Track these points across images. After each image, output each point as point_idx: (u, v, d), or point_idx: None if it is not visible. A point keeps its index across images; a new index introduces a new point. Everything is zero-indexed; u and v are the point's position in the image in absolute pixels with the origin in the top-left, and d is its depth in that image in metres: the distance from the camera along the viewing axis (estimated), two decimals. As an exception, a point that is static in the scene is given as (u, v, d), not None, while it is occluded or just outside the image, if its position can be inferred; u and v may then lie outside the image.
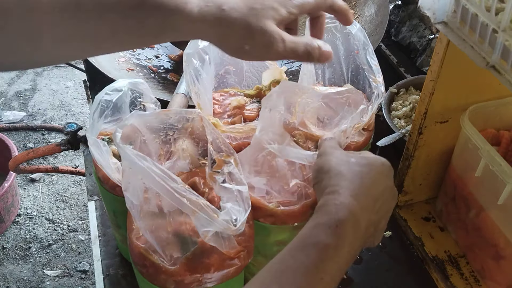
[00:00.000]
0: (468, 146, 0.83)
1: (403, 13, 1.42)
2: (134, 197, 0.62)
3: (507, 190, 0.74)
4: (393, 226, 1.00)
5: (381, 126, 1.10)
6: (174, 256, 0.62)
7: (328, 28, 0.85)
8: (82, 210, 2.20)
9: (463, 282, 0.89)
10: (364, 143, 0.87)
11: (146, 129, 0.67)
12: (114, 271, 0.89)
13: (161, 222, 0.63)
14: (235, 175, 0.64)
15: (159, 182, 0.55)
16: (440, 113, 0.87)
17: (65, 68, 2.95)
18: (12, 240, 2.06)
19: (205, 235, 0.59)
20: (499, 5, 0.60)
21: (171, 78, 1.25)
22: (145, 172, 0.55)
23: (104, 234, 0.95)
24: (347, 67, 0.88)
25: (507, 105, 0.87)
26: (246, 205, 0.60)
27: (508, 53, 0.60)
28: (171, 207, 0.61)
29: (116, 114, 0.77)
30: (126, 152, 0.56)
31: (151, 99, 0.79)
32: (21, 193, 2.24)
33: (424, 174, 0.97)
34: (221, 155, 0.65)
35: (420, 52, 1.34)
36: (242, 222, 0.58)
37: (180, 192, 0.55)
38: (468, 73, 0.80)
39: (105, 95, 0.74)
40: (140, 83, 0.77)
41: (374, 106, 0.80)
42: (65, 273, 1.97)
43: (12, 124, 2.53)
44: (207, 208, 0.56)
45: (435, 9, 0.72)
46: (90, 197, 1.02)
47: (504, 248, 0.80)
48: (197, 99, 0.77)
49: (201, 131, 0.68)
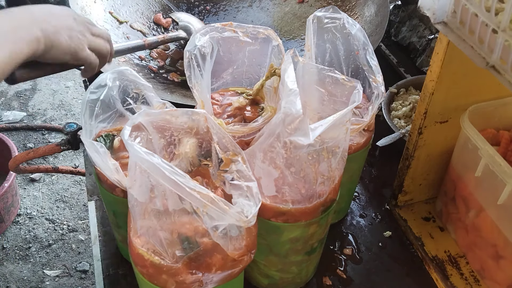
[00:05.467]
0: (468, 146, 0.83)
1: (403, 13, 1.43)
2: (140, 195, 0.62)
3: (507, 190, 0.74)
4: (393, 226, 1.00)
5: (381, 126, 1.10)
6: (176, 255, 0.63)
7: (328, 28, 0.85)
8: (82, 210, 2.20)
9: (463, 282, 0.89)
10: (365, 143, 0.88)
11: (153, 128, 0.67)
12: (114, 271, 0.89)
13: (165, 221, 0.63)
14: (243, 172, 0.64)
15: (169, 177, 0.55)
16: (440, 113, 0.87)
17: (65, 68, 2.95)
18: (12, 240, 2.06)
19: (214, 231, 0.59)
20: (499, 5, 0.60)
21: (171, 78, 1.25)
22: (154, 168, 0.55)
23: (104, 234, 0.95)
24: (347, 67, 0.89)
25: (507, 105, 0.87)
26: (257, 199, 0.60)
27: (508, 53, 0.60)
28: (177, 206, 0.61)
29: (107, 111, 0.76)
30: (134, 149, 0.56)
31: (143, 85, 0.77)
32: (21, 193, 2.24)
33: (424, 174, 0.97)
34: (228, 154, 0.65)
35: (420, 52, 1.35)
36: (253, 214, 0.59)
37: (190, 187, 0.55)
38: (468, 73, 0.81)
39: (90, 94, 0.73)
40: (125, 71, 0.76)
41: (374, 106, 0.80)
42: (65, 273, 1.97)
43: (12, 124, 2.53)
44: (219, 201, 0.56)
45: (435, 9, 0.72)
46: (90, 197, 1.02)
47: (503, 248, 0.80)
48: (199, 97, 0.77)
49: (205, 132, 0.68)
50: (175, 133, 0.69)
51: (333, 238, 0.98)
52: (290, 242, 0.77)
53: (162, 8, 1.45)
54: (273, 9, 1.49)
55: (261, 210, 0.63)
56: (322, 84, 0.80)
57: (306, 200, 0.72)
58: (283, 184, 0.72)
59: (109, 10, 1.32)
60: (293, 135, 0.65)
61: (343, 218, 1.02)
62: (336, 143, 0.69)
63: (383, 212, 1.03)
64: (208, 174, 0.69)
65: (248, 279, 0.88)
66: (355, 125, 0.79)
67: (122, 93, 0.77)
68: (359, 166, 0.94)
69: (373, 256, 0.95)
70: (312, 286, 0.90)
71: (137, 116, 0.63)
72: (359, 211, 1.04)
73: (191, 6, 1.50)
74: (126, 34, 1.31)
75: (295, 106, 0.64)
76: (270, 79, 0.82)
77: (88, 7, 1.27)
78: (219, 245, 0.62)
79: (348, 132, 0.70)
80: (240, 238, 0.64)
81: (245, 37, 0.84)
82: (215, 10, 1.50)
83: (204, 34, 0.79)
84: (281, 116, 0.66)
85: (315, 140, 0.65)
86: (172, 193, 0.59)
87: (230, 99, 0.86)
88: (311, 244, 0.80)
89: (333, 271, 0.92)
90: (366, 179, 1.11)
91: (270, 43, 0.83)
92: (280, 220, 0.73)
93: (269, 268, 0.83)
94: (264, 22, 1.47)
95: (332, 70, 0.78)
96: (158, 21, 1.40)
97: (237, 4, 1.51)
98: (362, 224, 1.01)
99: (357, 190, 1.08)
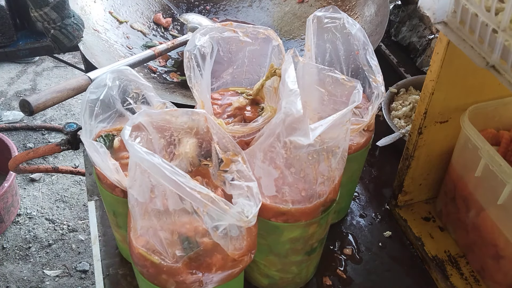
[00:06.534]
0: (468, 146, 0.83)
1: (403, 13, 1.43)
2: (140, 195, 0.62)
3: (507, 190, 0.74)
4: (393, 226, 1.00)
5: (381, 126, 1.10)
6: (176, 255, 0.63)
7: (328, 28, 0.85)
8: (82, 210, 2.20)
9: (463, 282, 0.89)
10: (365, 143, 0.88)
11: (153, 128, 0.67)
12: (114, 271, 0.89)
13: (165, 221, 0.63)
14: (243, 172, 0.64)
15: (170, 177, 0.55)
16: (440, 113, 0.87)
17: (65, 68, 2.95)
18: (12, 240, 2.06)
19: (214, 231, 0.59)
20: (499, 5, 0.60)
21: (171, 78, 1.25)
22: (154, 168, 0.55)
23: (104, 234, 0.95)
24: (347, 67, 0.88)
25: (507, 105, 0.87)
26: (257, 199, 0.60)
27: (508, 53, 0.60)
28: (177, 206, 0.61)
29: (107, 111, 0.75)
30: (135, 149, 0.56)
31: (143, 85, 0.77)
32: (21, 193, 2.24)
33: (424, 174, 0.97)
34: (228, 154, 0.65)
35: (420, 52, 1.35)
36: (254, 214, 0.59)
37: (191, 186, 0.55)
38: (468, 73, 0.81)
39: (90, 94, 0.73)
40: (125, 70, 0.75)
41: (374, 106, 0.80)
42: (65, 273, 1.97)
43: (12, 124, 2.53)
44: (219, 201, 0.56)
45: (435, 9, 0.72)
46: (90, 197, 1.02)
47: (504, 248, 0.80)
48: (199, 97, 0.77)
49: (205, 132, 0.68)
50: (175, 133, 0.68)
51: (333, 238, 0.98)
52: (290, 242, 0.77)
53: (162, 8, 1.45)
54: (273, 9, 1.49)
55: (261, 210, 0.63)
56: (322, 84, 0.80)
57: (306, 200, 0.72)
58: (283, 184, 0.72)
59: (109, 10, 1.32)
60: (293, 135, 0.65)
61: (343, 218, 1.02)
62: (336, 143, 0.69)
63: (383, 212, 1.03)
64: (208, 174, 0.69)
65: (248, 279, 0.88)
66: (355, 125, 0.79)
67: (122, 93, 0.77)
68: (359, 166, 0.94)
69: (373, 256, 0.95)
70: (312, 286, 0.90)
71: (137, 116, 0.63)
72: (359, 211, 1.04)
73: (191, 6, 1.50)
74: (126, 34, 1.31)
75: (296, 106, 0.64)
76: (270, 79, 0.82)
77: (88, 7, 1.27)
78: (219, 245, 0.62)
79: (348, 132, 0.70)
80: (240, 238, 0.64)
81: (245, 37, 0.84)
82: (215, 10, 1.50)
83: (204, 34, 0.79)
84: (282, 116, 0.65)
85: (315, 140, 0.65)
86: (172, 193, 0.59)
87: (230, 99, 0.86)
88: (311, 244, 0.80)
89: (333, 271, 0.92)
90: (366, 179, 1.11)
91: (270, 43, 0.83)
92: (280, 220, 0.73)
93: (269, 268, 0.83)
94: (264, 22, 1.47)
95: (332, 70, 0.78)
96: (158, 21, 1.40)
97: (237, 4, 1.51)
98: (362, 224, 1.01)
99: (357, 190, 1.08)
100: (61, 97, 0.91)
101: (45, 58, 2.99)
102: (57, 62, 2.92)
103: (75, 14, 1.16)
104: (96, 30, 1.23)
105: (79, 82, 0.92)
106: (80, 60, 2.78)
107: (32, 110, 0.86)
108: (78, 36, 1.16)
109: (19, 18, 1.66)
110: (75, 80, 0.92)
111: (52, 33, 1.15)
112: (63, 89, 0.91)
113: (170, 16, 1.45)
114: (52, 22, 1.13)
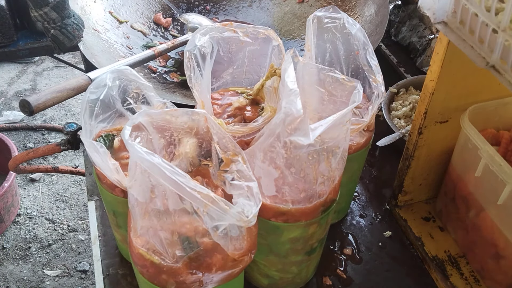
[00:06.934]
0: (468, 146, 0.83)
1: (403, 13, 1.43)
2: (140, 195, 0.62)
3: (507, 190, 0.74)
4: (393, 226, 1.00)
5: (381, 126, 1.10)
6: (176, 255, 0.63)
7: (328, 28, 0.85)
8: (82, 210, 2.20)
9: (463, 282, 0.89)
10: (365, 143, 0.88)
11: (153, 128, 0.67)
12: (114, 271, 0.89)
13: (165, 221, 0.63)
14: (243, 172, 0.64)
15: (170, 177, 0.55)
16: (440, 113, 0.87)
17: (65, 68, 2.95)
18: (12, 240, 2.06)
19: (214, 231, 0.59)
20: (499, 5, 0.60)
21: (171, 78, 1.25)
22: (155, 168, 0.55)
23: (104, 234, 0.95)
24: (347, 67, 0.88)
25: (507, 105, 0.87)
26: (257, 199, 0.60)
27: (508, 53, 0.60)
28: (177, 206, 0.61)
29: (107, 111, 0.75)
30: (135, 149, 0.56)
31: (143, 85, 0.77)
32: (21, 193, 2.24)
33: (424, 174, 0.97)
34: (228, 154, 0.65)
35: (420, 52, 1.35)
36: (254, 214, 0.59)
37: (191, 186, 0.56)
38: (468, 73, 0.81)
39: (90, 94, 0.73)
40: (125, 70, 0.75)
41: (374, 106, 0.80)
42: (65, 273, 1.97)
43: (12, 124, 2.53)
44: (219, 201, 0.56)
45: (435, 9, 0.72)
46: (90, 197, 1.02)
47: (504, 248, 0.80)
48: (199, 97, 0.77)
49: (205, 132, 0.68)
50: (175, 133, 0.68)
51: (333, 238, 0.98)
52: (290, 242, 0.77)
53: (162, 8, 1.45)
54: (273, 9, 1.49)
55: (261, 210, 0.63)
56: (322, 84, 0.80)
57: (306, 200, 0.72)
58: (283, 184, 0.72)
59: (109, 10, 1.32)
60: (293, 135, 0.65)
61: (343, 218, 1.02)
62: (336, 143, 0.69)
63: (383, 212, 1.03)
64: (208, 174, 0.69)
65: (248, 279, 0.88)
66: (355, 125, 0.79)
67: (122, 93, 0.77)
68: (359, 166, 0.94)
69: (373, 256, 0.95)
70: (312, 286, 0.90)
71: (137, 116, 0.63)
72: (359, 211, 1.04)
73: (191, 6, 1.50)
74: (126, 34, 1.31)
75: (296, 106, 0.64)
76: (270, 79, 0.82)
77: (88, 7, 1.27)
78: (220, 245, 0.62)
79: (348, 132, 0.70)
80: (240, 238, 0.64)
81: (245, 37, 0.84)
82: (215, 10, 1.50)
83: (204, 34, 0.79)
84: (282, 116, 0.65)
85: (315, 140, 0.65)
86: (172, 193, 0.59)
87: (230, 99, 0.86)
88: (311, 244, 0.80)
89: (333, 271, 0.92)
90: (366, 179, 1.11)
91: (270, 43, 0.83)
92: (280, 220, 0.73)
93: (269, 268, 0.83)
94: (264, 22, 1.47)
95: (332, 70, 0.78)
96: (158, 21, 1.40)
97: (237, 4, 1.51)
98: (362, 224, 1.01)
99: (357, 190, 1.08)
100: (61, 97, 0.91)
101: (45, 58, 2.99)
102: (57, 62, 2.92)
103: (75, 14, 1.16)
104: (96, 30, 1.23)
105: (79, 82, 0.93)
106: (80, 60, 2.78)
107: (32, 110, 0.86)
108: (78, 36, 1.16)
109: (19, 18, 1.66)
110: (75, 80, 0.92)
111: (52, 33, 1.15)
112: (63, 89, 0.91)
113: (170, 16, 1.45)
114: (52, 22, 1.13)
